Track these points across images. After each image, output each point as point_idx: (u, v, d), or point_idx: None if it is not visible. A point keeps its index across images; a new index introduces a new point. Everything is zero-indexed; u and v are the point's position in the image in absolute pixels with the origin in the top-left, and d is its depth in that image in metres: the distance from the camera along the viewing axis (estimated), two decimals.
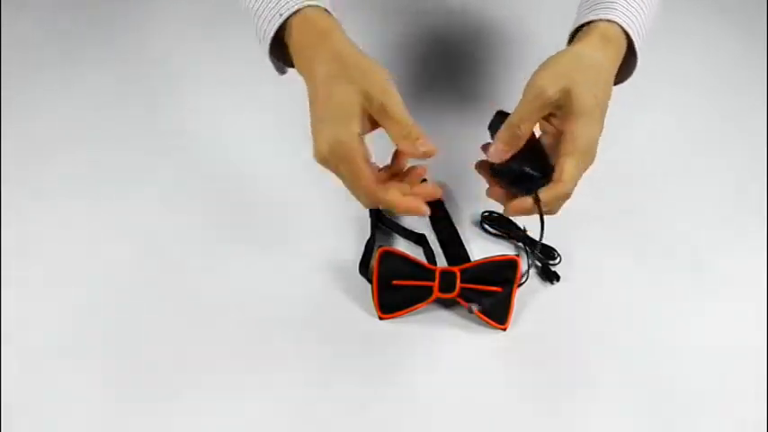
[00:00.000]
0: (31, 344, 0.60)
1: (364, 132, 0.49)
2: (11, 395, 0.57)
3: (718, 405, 0.57)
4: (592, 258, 0.65)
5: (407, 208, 0.50)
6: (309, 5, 0.51)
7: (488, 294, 0.58)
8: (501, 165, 0.52)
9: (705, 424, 0.56)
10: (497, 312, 0.59)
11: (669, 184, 0.72)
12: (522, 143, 0.51)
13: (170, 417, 0.56)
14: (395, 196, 0.50)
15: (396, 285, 0.59)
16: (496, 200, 0.56)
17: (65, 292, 0.64)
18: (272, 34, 0.52)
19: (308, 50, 0.51)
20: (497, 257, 0.59)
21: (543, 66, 0.52)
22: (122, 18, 0.89)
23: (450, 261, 0.64)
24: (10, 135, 0.76)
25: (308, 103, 0.51)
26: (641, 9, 0.55)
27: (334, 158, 0.48)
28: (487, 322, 0.59)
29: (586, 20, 0.54)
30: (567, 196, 0.52)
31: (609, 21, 0.53)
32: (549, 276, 0.63)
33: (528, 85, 0.51)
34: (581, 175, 0.51)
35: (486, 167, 0.55)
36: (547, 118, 0.54)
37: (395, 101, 0.48)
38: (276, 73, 0.56)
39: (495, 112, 0.55)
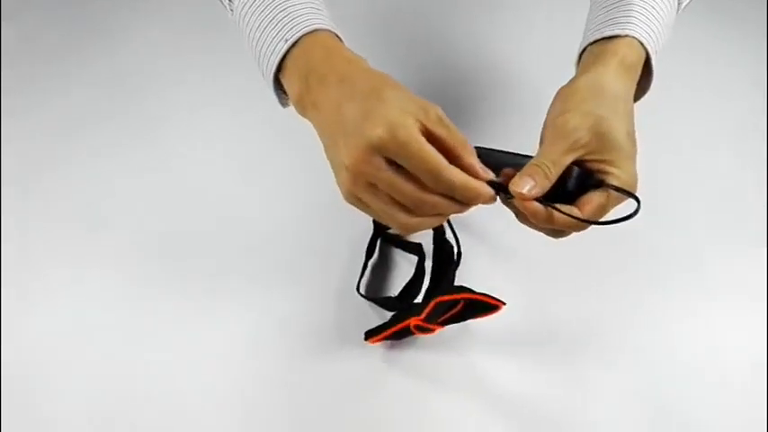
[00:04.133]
0: (30, 346, 0.61)
1: None
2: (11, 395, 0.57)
3: (719, 406, 0.57)
4: (591, 257, 0.65)
5: (479, 192, 0.44)
6: (322, 27, 0.48)
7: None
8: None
9: (706, 425, 0.56)
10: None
11: (669, 184, 0.72)
12: (549, 184, 0.45)
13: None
14: (465, 176, 0.43)
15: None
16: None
17: (64, 292, 0.64)
18: (281, 54, 0.47)
19: (328, 71, 0.46)
20: (480, 297, 0.55)
21: (564, 100, 0.48)
22: (114, 23, 0.90)
23: (433, 278, 0.62)
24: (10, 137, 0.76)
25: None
26: (656, 20, 0.51)
27: (393, 144, 0.41)
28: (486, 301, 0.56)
29: (601, 35, 0.50)
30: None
31: (628, 37, 0.49)
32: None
33: (553, 124, 0.47)
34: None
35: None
36: None
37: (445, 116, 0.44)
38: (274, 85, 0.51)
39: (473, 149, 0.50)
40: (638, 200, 0.45)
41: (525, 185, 0.45)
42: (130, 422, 0.56)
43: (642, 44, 0.50)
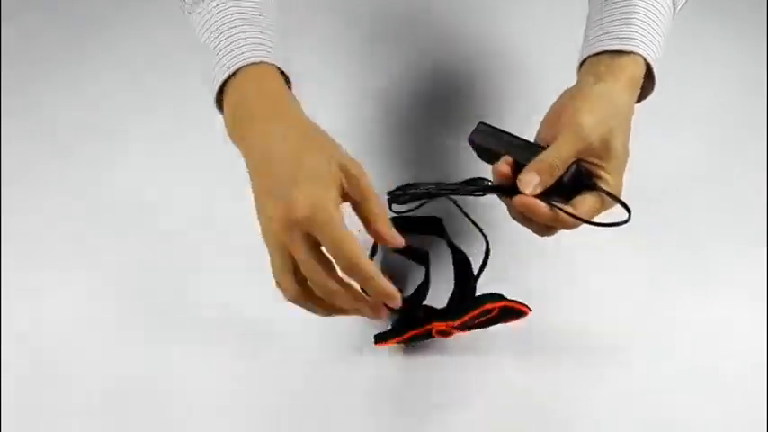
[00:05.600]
0: (30, 345, 0.60)
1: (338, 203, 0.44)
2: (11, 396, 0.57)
3: (719, 406, 0.57)
4: (590, 257, 0.65)
5: (389, 293, 0.44)
6: (263, 61, 0.49)
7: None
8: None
9: (706, 425, 0.56)
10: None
11: (668, 183, 0.72)
12: (553, 181, 0.49)
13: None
14: (378, 273, 0.43)
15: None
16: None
17: (65, 292, 0.64)
18: (219, 82, 0.49)
19: (257, 109, 0.48)
20: (515, 305, 0.54)
21: (582, 102, 0.50)
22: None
23: (457, 284, 0.60)
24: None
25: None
26: (657, 32, 0.53)
27: (315, 224, 0.42)
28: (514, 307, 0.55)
29: (602, 49, 0.52)
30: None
31: (634, 53, 0.51)
32: None
33: (570, 123, 0.49)
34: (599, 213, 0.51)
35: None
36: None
37: (367, 178, 0.45)
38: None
39: (477, 124, 0.54)
40: (629, 210, 0.50)
41: (532, 182, 0.48)
42: (131, 421, 0.56)
43: (645, 59, 0.52)
